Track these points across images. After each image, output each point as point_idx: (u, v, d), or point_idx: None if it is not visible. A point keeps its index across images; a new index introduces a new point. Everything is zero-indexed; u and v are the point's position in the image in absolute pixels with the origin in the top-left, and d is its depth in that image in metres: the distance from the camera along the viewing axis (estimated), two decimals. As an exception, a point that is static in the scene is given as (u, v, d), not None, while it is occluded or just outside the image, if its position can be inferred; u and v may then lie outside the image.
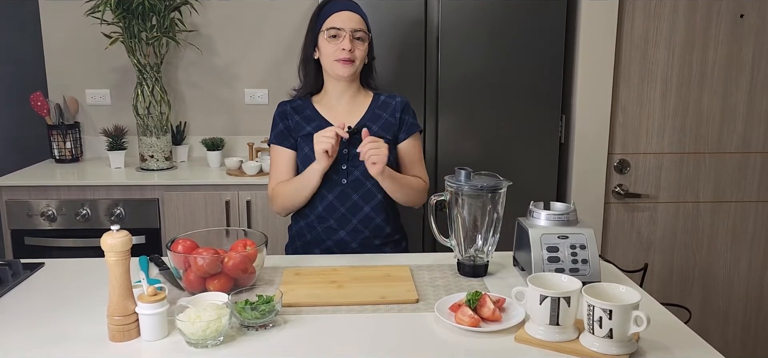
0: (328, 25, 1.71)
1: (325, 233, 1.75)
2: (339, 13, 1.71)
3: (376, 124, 1.76)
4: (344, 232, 1.74)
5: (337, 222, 1.73)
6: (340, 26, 1.69)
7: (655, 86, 2.48)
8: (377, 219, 1.75)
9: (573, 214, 1.43)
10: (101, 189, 2.49)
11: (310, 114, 1.78)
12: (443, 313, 1.24)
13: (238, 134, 3.03)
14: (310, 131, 1.73)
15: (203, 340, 1.12)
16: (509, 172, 1.64)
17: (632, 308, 1.07)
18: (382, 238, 1.77)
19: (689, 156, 2.54)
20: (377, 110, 1.79)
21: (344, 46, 1.68)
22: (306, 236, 1.78)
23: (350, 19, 1.71)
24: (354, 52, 1.70)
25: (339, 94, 1.78)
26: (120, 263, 1.15)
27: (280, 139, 1.79)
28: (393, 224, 1.80)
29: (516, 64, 2.38)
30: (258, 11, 2.92)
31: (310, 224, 1.77)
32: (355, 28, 1.70)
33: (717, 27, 2.44)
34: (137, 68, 2.60)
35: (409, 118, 1.80)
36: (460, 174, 1.46)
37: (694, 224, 2.59)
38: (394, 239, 1.81)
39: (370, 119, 1.77)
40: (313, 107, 1.79)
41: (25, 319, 1.26)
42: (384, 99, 1.81)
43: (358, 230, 1.74)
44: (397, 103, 1.80)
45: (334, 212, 1.73)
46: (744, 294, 2.66)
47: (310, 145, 1.71)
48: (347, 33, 1.69)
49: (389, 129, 1.76)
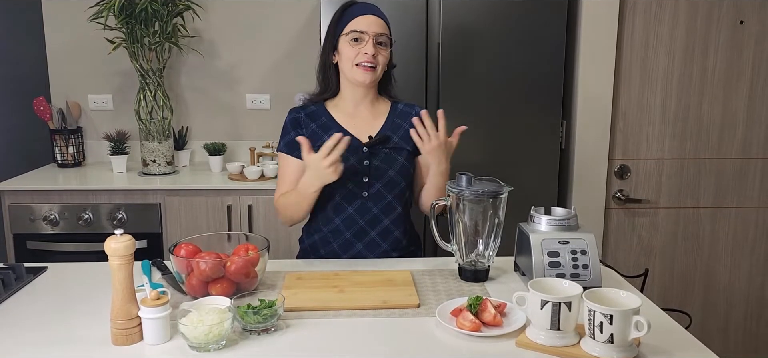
0: (350, 28, 1.63)
1: (341, 248, 1.67)
2: (363, 16, 1.63)
3: (396, 134, 1.69)
4: (361, 245, 1.67)
5: (355, 235, 1.66)
6: (364, 30, 1.61)
7: (655, 92, 2.49)
8: (396, 232, 1.69)
9: (574, 219, 1.43)
10: (103, 194, 2.50)
11: (327, 121, 1.69)
12: (444, 318, 1.24)
13: (239, 139, 3.04)
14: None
15: (206, 344, 1.13)
16: (510, 178, 1.64)
17: (633, 313, 1.07)
18: (399, 251, 1.71)
19: (689, 161, 2.55)
20: (397, 120, 1.71)
21: (367, 51, 1.61)
22: (319, 251, 1.70)
23: (374, 23, 1.63)
24: (377, 58, 1.63)
25: (357, 101, 1.70)
26: (123, 267, 1.15)
27: (290, 148, 1.68)
28: (409, 236, 1.75)
29: (517, 69, 2.39)
30: (260, 17, 2.94)
31: (324, 238, 1.69)
32: (378, 32, 1.63)
33: (717, 33, 2.45)
34: (140, 73, 2.61)
35: None
36: (462, 179, 1.46)
37: (695, 230, 2.60)
38: (410, 251, 1.75)
39: (390, 129, 1.69)
40: (328, 114, 1.71)
41: (29, 323, 1.27)
42: (402, 108, 1.74)
43: (376, 243, 1.67)
44: (417, 114, 1.66)
45: (353, 225, 1.66)
46: (744, 299, 2.66)
47: None
48: (371, 37, 1.61)
49: (409, 140, 1.64)
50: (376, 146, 1.65)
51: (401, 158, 1.68)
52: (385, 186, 1.65)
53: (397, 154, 1.67)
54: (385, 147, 1.67)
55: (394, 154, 1.67)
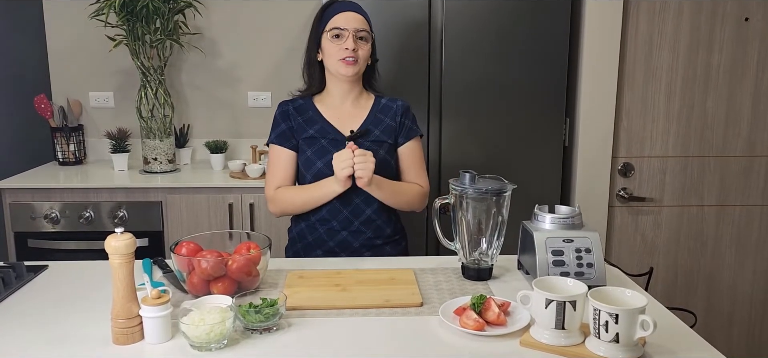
0: (331, 26, 1.72)
1: (327, 234, 1.76)
2: (342, 13, 1.73)
3: (378, 127, 1.77)
4: (347, 233, 1.75)
5: (340, 224, 1.75)
6: (343, 26, 1.71)
7: (659, 89, 2.47)
8: (378, 221, 1.77)
9: (578, 217, 1.42)
10: (104, 192, 2.50)
11: (313, 115, 1.79)
12: (448, 316, 1.23)
13: (241, 137, 3.03)
14: (313, 134, 1.76)
15: (207, 343, 1.12)
16: (513, 176, 1.63)
17: (639, 313, 1.06)
18: (383, 238, 1.79)
19: (694, 159, 2.53)
20: (379, 114, 1.80)
21: (347, 46, 1.69)
22: (307, 237, 1.79)
23: (353, 19, 1.72)
24: (357, 52, 1.71)
25: (342, 96, 1.80)
26: (124, 265, 1.14)
27: (281, 139, 1.79)
28: (393, 226, 1.82)
29: (520, 67, 2.38)
30: (261, 14, 2.93)
31: (311, 225, 1.78)
32: (358, 28, 1.72)
33: (722, 30, 2.43)
34: (141, 71, 2.60)
35: (408, 122, 1.81)
36: (465, 177, 1.45)
37: (699, 228, 2.58)
38: (395, 239, 1.83)
39: (372, 123, 1.78)
40: (315, 108, 1.80)
41: (29, 321, 1.26)
42: (385, 102, 1.83)
43: (361, 231, 1.76)
44: (398, 107, 1.81)
45: (338, 214, 1.74)
46: (749, 298, 2.65)
47: (312, 149, 1.74)
48: (350, 33, 1.70)
49: (390, 133, 1.78)
50: (358, 140, 1.71)
51: (382, 151, 1.75)
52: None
53: (377, 147, 1.74)
54: (366, 140, 1.74)
55: (374, 147, 1.72)
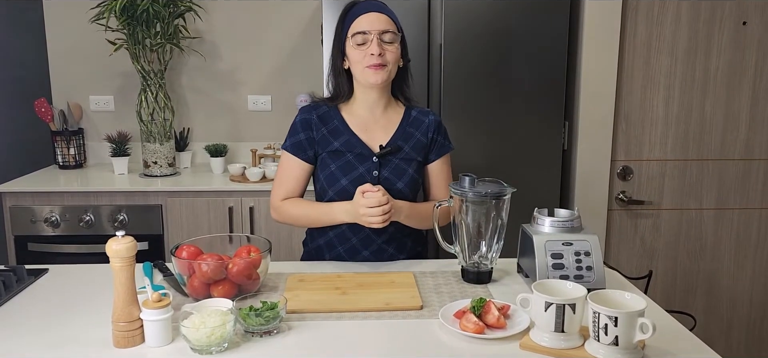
0: (353, 30, 1.57)
1: (347, 252, 1.66)
2: (364, 15, 1.58)
3: (408, 143, 1.65)
4: (368, 252, 1.65)
5: (361, 242, 1.64)
6: (367, 29, 1.56)
7: (657, 93, 2.48)
8: (400, 236, 1.68)
9: (577, 220, 1.43)
10: (105, 195, 2.50)
11: (339, 126, 1.65)
12: (448, 320, 1.23)
13: (241, 141, 3.03)
14: (338, 148, 1.63)
15: (207, 346, 1.12)
16: (512, 179, 1.63)
17: (638, 316, 1.06)
18: (405, 253, 1.71)
19: (692, 163, 2.54)
20: (409, 128, 1.67)
21: (373, 51, 1.55)
22: (325, 255, 1.70)
23: (377, 20, 1.57)
24: (384, 56, 1.56)
25: (370, 106, 1.65)
26: (125, 268, 1.15)
27: (296, 149, 1.65)
28: (414, 237, 1.73)
29: (519, 70, 2.39)
30: (261, 18, 2.93)
31: (330, 242, 1.67)
32: (382, 29, 1.57)
33: (720, 33, 2.44)
34: (141, 75, 2.61)
35: (440, 138, 1.70)
36: (464, 180, 1.46)
37: (698, 231, 2.59)
38: (416, 251, 1.75)
39: (402, 137, 1.65)
40: (340, 117, 1.66)
41: (30, 325, 1.26)
42: (415, 115, 1.69)
43: (383, 250, 1.66)
44: (430, 123, 1.68)
45: (359, 232, 1.63)
46: (748, 301, 2.65)
47: (337, 163, 1.62)
48: (374, 36, 1.55)
49: (421, 150, 1.66)
50: (387, 156, 1.62)
51: (411, 170, 1.65)
52: (394, 196, 1.59)
53: (406, 165, 1.64)
54: (395, 157, 1.63)
55: (403, 165, 1.64)
